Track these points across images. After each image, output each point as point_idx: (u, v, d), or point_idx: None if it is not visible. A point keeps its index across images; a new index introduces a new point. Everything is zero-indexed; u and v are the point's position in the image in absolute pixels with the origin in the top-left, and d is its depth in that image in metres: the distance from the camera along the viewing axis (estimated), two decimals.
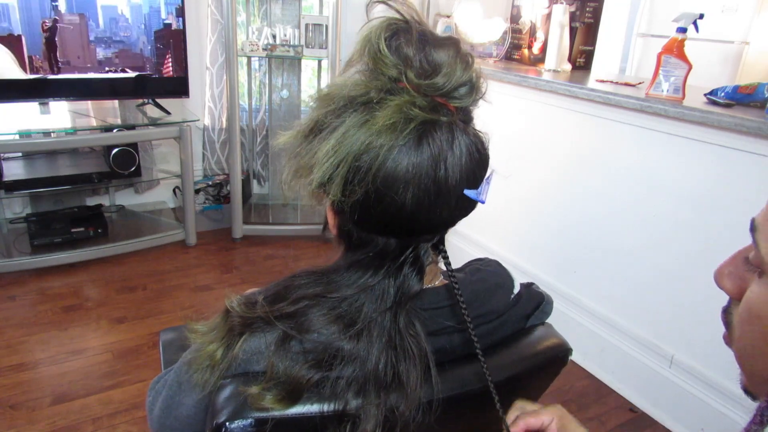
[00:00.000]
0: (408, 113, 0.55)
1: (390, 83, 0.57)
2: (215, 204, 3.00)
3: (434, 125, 0.56)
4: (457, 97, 0.59)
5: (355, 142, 0.56)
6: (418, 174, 0.56)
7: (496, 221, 2.39)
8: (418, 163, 0.55)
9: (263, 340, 0.62)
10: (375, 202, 0.57)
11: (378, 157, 0.55)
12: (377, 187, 0.56)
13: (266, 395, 0.59)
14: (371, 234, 0.62)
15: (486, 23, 2.53)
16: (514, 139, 2.25)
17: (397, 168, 0.55)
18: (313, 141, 0.60)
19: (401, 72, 0.57)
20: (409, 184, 0.56)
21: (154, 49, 2.46)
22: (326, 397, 0.60)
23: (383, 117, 0.55)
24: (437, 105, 0.57)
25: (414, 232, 0.61)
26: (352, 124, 0.56)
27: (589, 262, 1.97)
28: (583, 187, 1.97)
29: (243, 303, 0.64)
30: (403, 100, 0.55)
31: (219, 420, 0.58)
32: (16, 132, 2.22)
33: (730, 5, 3.14)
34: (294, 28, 2.69)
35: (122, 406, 1.68)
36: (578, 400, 1.84)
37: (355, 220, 0.61)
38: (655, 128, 1.69)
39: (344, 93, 0.58)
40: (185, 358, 0.69)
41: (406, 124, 0.55)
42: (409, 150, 0.55)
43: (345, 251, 0.67)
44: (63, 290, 2.27)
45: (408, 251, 0.63)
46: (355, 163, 0.56)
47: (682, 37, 1.59)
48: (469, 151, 0.59)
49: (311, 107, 0.62)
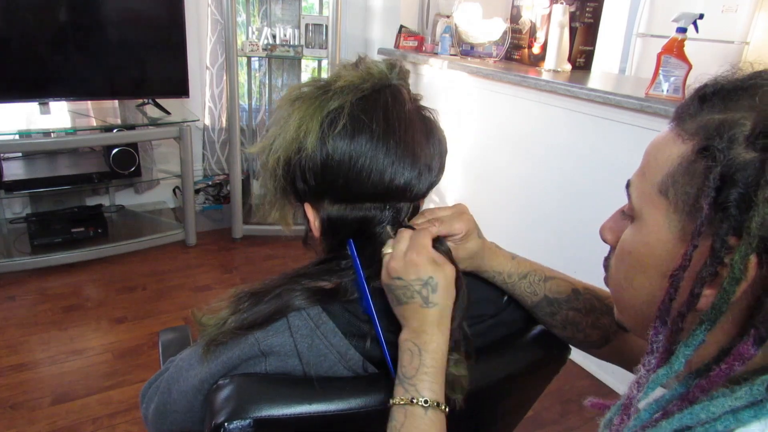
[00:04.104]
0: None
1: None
2: (215, 204, 3.00)
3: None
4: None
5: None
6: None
7: (495, 221, 2.39)
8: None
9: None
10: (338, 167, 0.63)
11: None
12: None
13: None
14: (348, 205, 0.65)
15: (486, 23, 2.52)
16: (514, 139, 2.25)
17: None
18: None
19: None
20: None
21: (155, 49, 2.46)
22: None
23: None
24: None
25: (387, 188, 0.64)
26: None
27: (589, 262, 1.97)
28: (584, 187, 1.97)
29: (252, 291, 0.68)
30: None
31: (218, 420, 0.58)
32: (16, 132, 2.22)
33: (730, 5, 3.14)
34: (294, 28, 2.69)
35: (122, 406, 1.68)
36: (578, 400, 1.84)
37: (332, 191, 0.64)
38: (655, 128, 1.69)
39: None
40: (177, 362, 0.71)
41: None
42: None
43: (327, 243, 0.70)
44: (63, 290, 2.28)
45: (385, 213, 0.66)
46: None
47: (682, 37, 1.59)
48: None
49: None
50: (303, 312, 0.64)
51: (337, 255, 0.68)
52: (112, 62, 2.38)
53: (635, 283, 0.50)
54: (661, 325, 0.45)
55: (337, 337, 0.63)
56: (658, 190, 0.46)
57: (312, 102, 0.63)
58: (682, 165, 0.44)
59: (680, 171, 0.44)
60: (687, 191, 0.44)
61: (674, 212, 0.45)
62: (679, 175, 0.44)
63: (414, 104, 0.67)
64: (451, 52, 2.59)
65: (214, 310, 0.68)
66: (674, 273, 0.44)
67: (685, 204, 0.44)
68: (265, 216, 0.71)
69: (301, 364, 0.63)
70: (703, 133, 0.43)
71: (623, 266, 0.51)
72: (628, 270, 0.50)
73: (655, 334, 0.46)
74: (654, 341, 0.46)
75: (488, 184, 2.40)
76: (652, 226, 0.47)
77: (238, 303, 0.66)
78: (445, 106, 2.54)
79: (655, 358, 0.46)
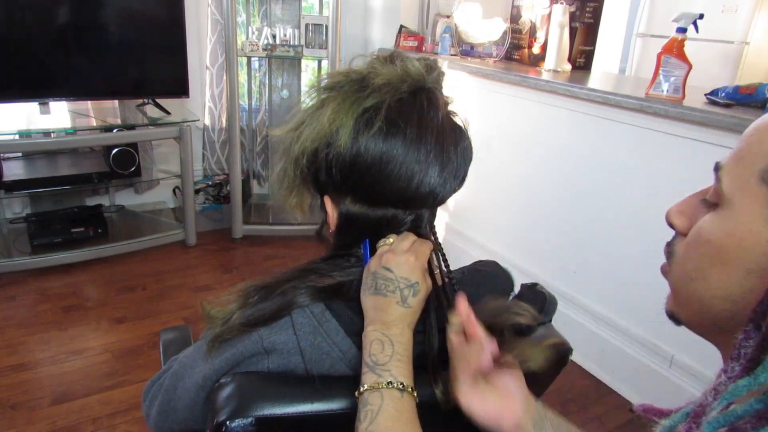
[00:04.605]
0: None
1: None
2: (215, 204, 3.00)
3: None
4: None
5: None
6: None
7: (496, 221, 2.39)
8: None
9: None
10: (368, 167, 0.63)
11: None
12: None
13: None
14: (370, 207, 0.66)
15: (486, 23, 2.53)
16: (514, 139, 2.25)
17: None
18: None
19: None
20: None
21: (155, 49, 2.46)
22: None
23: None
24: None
25: (413, 194, 0.64)
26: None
27: (589, 262, 1.97)
28: (584, 187, 1.97)
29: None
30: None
31: (219, 419, 0.58)
32: (16, 132, 2.22)
33: (730, 5, 3.14)
34: (294, 28, 2.69)
35: (122, 406, 1.68)
36: (578, 400, 1.84)
37: (356, 189, 0.65)
38: (655, 128, 1.69)
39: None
40: (182, 359, 0.70)
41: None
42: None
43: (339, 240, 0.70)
44: (63, 290, 2.27)
45: (407, 217, 0.66)
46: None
47: (682, 37, 1.59)
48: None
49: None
50: (306, 309, 0.64)
51: (347, 252, 0.69)
52: (112, 62, 2.38)
53: (710, 276, 0.45)
54: (755, 329, 0.40)
55: (340, 335, 0.64)
56: (760, 177, 0.42)
57: (347, 96, 0.63)
58: None
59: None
60: None
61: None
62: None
63: (446, 109, 0.67)
64: (451, 52, 2.59)
65: (222, 303, 0.68)
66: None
67: None
68: (281, 200, 0.72)
69: (304, 362, 0.63)
70: None
71: (696, 255, 0.47)
72: (703, 260, 0.46)
73: (745, 338, 0.41)
74: (743, 346, 0.41)
75: (488, 184, 2.40)
76: (744, 216, 0.43)
77: (247, 297, 0.67)
78: None
79: (740, 365, 0.41)
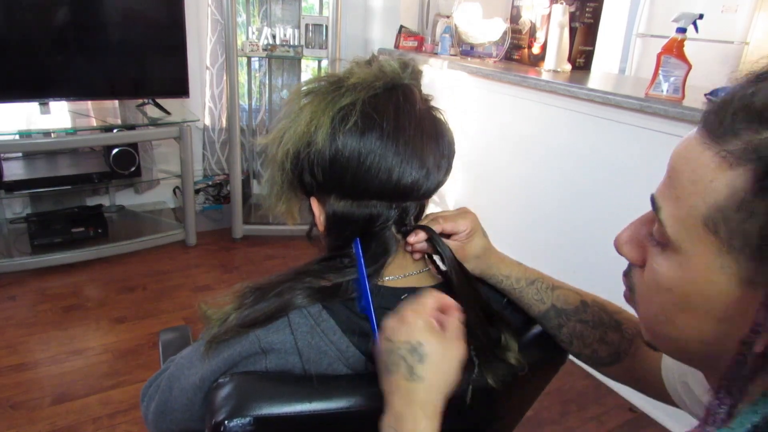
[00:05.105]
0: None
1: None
2: (215, 204, 3.00)
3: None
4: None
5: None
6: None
7: (496, 221, 2.39)
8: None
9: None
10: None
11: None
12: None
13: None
14: (355, 202, 0.65)
15: (486, 23, 2.53)
16: (514, 139, 2.25)
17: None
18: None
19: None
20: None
21: (155, 49, 2.46)
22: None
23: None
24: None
25: (395, 187, 0.64)
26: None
27: (589, 262, 1.97)
28: (584, 187, 1.97)
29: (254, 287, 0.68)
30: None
31: (218, 418, 0.58)
32: (16, 132, 2.22)
33: (730, 5, 3.14)
34: (294, 28, 2.69)
35: (122, 406, 1.68)
36: (578, 400, 1.84)
37: (339, 187, 0.64)
38: (655, 128, 1.69)
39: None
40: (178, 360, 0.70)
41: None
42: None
43: (331, 241, 0.70)
44: (63, 290, 2.28)
45: (392, 212, 0.66)
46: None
47: (682, 38, 1.59)
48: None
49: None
50: (304, 310, 0.64)
51: (341, 253, 0.69)
52: (113, 62, 2.38)
53: (678, 321, 0.43)
54: (727, 395, 0.38)
55: (337, 335, 0.64)
56: (704, 224, 0.39)
57: (324, 97, 0.64)
58: (735, 199, 0.37)
59: (732, 205, 0.37)
60: (745, 230, 0.37)
61: (728, 252, 0.38)
62: (731, 210, 0.37)
63: (425, 104, 0.68)
64: (451, 52, 2.59)
65: (219, 304, 0.68)
66: (746, 339, 0.37)
67: (744, 245, 0.37)
68: (271, 209, 0.72)
69: (301, 362, 0.63)
70: (757, 159, 0.36)
71: (659, 300, 0.44)
72: (667, 306, 0.43)
73: (718, 405, 0.38)
74: (716, 412, 0.39)
75: (488, 184, 2.40)
76: (699, 265, 0.40)
77: (243, 298, 0.67)
78: (445, 106, 2.52)
79: (719, 420, 0.39)
